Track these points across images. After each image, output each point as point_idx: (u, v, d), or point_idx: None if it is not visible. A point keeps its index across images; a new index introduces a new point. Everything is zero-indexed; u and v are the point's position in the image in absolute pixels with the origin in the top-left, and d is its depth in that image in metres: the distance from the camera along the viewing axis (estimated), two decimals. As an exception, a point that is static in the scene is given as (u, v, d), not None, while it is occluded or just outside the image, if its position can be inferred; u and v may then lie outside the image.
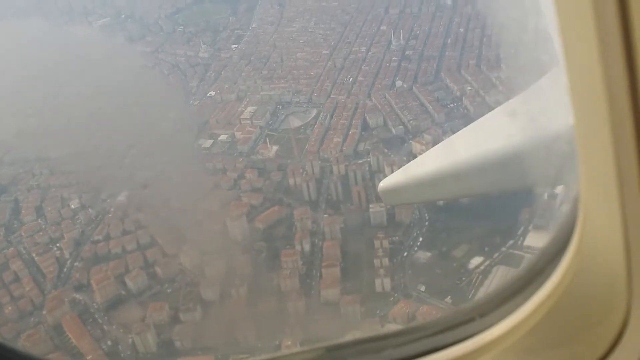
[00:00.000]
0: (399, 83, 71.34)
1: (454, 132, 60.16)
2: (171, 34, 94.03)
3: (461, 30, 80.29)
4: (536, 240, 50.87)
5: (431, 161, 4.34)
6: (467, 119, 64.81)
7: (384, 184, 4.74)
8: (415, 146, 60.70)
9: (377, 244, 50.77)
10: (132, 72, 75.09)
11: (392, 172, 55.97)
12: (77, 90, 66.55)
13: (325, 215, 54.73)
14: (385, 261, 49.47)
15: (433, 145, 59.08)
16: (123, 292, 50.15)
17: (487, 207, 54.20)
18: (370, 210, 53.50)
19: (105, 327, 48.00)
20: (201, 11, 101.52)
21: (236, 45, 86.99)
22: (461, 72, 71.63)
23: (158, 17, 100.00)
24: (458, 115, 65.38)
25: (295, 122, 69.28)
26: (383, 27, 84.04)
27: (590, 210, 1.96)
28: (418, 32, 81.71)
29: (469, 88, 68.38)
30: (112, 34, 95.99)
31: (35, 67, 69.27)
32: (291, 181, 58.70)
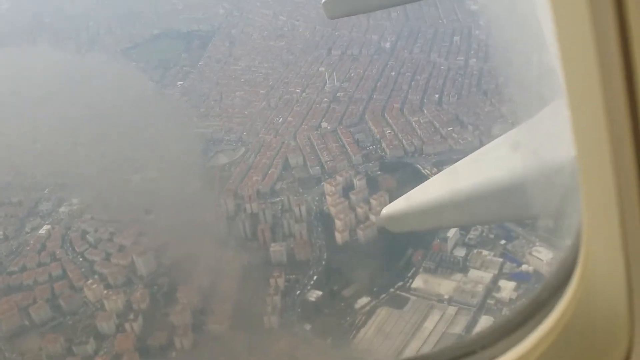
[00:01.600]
0: (324, 124, 74.28)
1: (368, 173, 62.60)
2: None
3: (392, 73, 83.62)
4: (424, 283, 53.33)
5: (434, 189, 4.34)
6: (383, 162, 67.85)
7: (386, 210, 4.61)
8: (327, 187, 63.36)
9: (272, 282, 53.03)
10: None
11: (300, 212, 58.45)
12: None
13: (230, 252, 57.05)
14: (277, 299, 51.72)
15: (343, 187, 62.00)
16: (27, 323, 52.18)
17: (383, 247, 56.90)
18: (271, 249, 55.89)
19: (6, 354, 50.00)
20: (157, 47, 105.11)
21: (182, 82, 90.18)
22: (384, 115, 74.64)
23: (115, 51, 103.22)
24: (374, 158, 68.20)
25: (222, 160, 72.03)
26: (322, 69, 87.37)
27: (593, 243, 1.96)
28: (353, 74, 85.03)
29: (389, 132, 71.31)
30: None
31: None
32: (206, 218, 61.07)
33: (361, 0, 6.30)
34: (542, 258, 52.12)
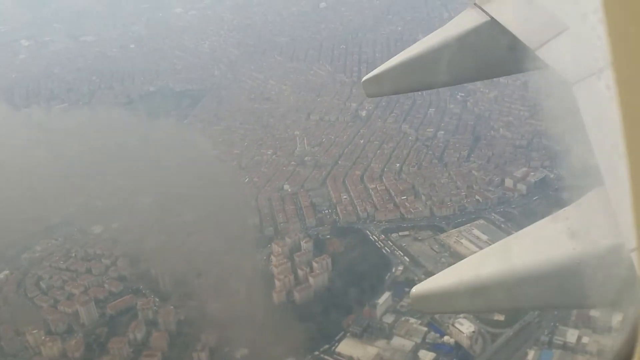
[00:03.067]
0: (286, 186, 77.21)
1: (319, 237, 64.68)
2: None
3: (361, 141, 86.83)
4: (348, 347, 54.66)
5: (464, 271, 4.01)
6: (334, 226, 70.10)
7: (416, 290, 4.17)
8: (275, 247, 65.69)
9: (203, 338, 54.91)
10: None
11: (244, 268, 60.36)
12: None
13: (171, 307, 59.25)
14: (203, 355, 53.50)
15: (290, 249, 64.26)
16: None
17: (318, 310, 58.68)
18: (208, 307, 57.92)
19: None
20: (150, 104, 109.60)
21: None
22: (345, 181, 77.38)
23: (109, 105, 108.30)
24: (327, 222, 70.58)
25: (188, 217, 74.87)
26: (296, 132, 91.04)
27: None
28: (324, 139, 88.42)
29: (345, 197, 73.86)
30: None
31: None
32: (153, 272, 63.62)
33: (399, 82, 6.31)
34: (464, 331, 53.35)
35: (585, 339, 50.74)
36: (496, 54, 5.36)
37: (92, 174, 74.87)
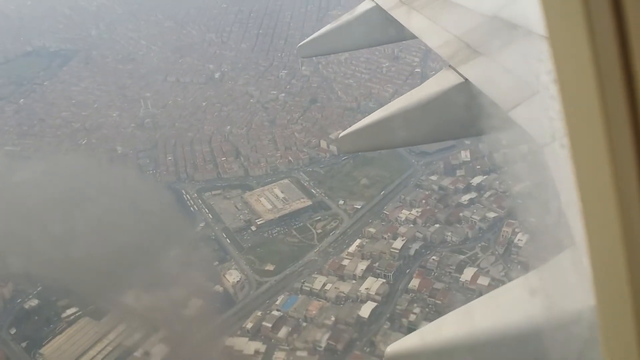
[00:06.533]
0: (119, 148, 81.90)
1: None
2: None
3: (204, 104, 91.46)
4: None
5: (448, 328, 3.82)
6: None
7: (392, 348, 3.89)
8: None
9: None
10: None
11: None
12: None
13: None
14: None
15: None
16: None
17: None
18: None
19: None
20: (24, 64, 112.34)
21: (23, 100, 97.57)
22: (175, 143, 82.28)
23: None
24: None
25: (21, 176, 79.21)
26: (148, 94, 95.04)
27: None
28: (171, 101, 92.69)
29: (170, 158, 78.97)
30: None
31: None
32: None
33: (374, 140, 6.36)
34: (231, 280, 59.88)
35: (328, 286, 57.58)
36: (470, 114, 5.36)
37: None
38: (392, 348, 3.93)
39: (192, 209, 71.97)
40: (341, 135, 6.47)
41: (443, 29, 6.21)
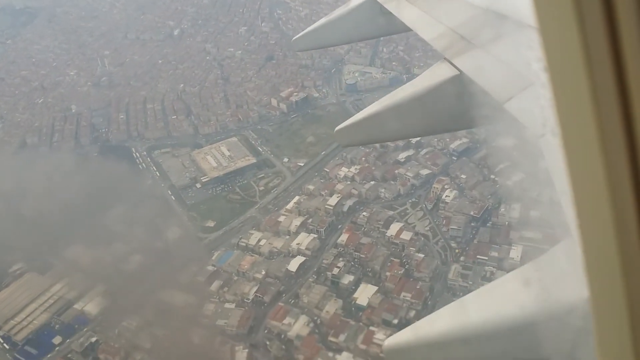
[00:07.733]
0: (73, 107, 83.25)
1: (87, 155, 71.52)
2: None
3: (160, 61, 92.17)
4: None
5: (442, 321, 3.81)
6: (104, 144, 76.65)
7: (388, 342, 3.91)
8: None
9: None
10: None
11: None
12: None
13: None
14: None
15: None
16: None
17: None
18: None
19: None
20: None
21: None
22: (127, 101, 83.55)
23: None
24: (100, 141, 77.44)
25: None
26: (107, 52, 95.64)
27: None
28: (128, 60, 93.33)
29: (122, 116, 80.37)
30: None
31: None
32: None
33: (371, 133, 6.32)
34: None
35: (262, 242, 60.00)
36: (465, 106, 5.31)
37: None
38: (388, 341, 3.99)
39: (140, 166, 73.78)
40: (337, 129, 6.44)
41: (437, 21, 6.21)
